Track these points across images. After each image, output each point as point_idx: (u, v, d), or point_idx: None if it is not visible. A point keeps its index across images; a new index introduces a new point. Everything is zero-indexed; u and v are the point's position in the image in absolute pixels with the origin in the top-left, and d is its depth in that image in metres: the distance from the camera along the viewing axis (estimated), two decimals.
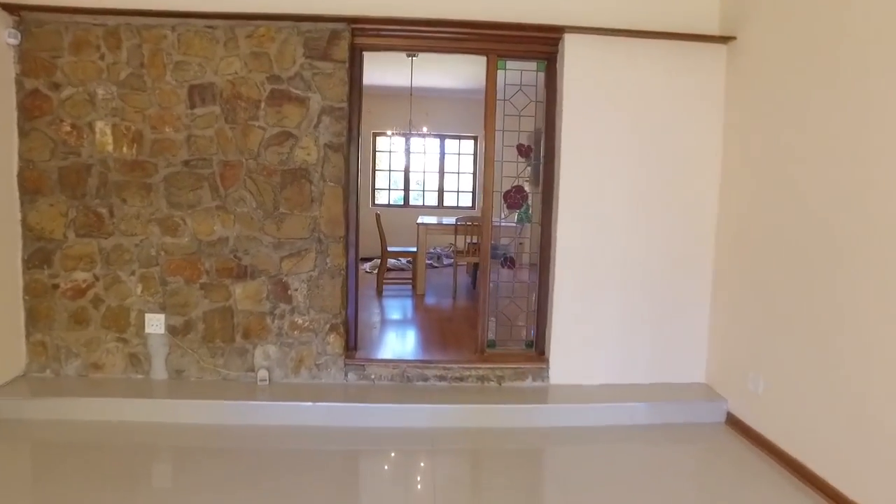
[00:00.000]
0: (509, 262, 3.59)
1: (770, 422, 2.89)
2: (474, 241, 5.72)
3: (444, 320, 4.60)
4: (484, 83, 3.40)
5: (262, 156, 3.23)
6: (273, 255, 3.28)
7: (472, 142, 8.95)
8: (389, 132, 7.60)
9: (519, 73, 3.48)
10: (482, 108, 3.42)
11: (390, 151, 9.02)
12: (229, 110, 3.19)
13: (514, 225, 3.71)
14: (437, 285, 6.38)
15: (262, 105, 3.20)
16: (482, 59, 3.41)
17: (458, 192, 9.18)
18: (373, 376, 3.39)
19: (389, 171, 9.09)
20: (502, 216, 3.62)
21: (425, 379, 3.40)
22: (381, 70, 6.89)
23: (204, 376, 3.33)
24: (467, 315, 4.82)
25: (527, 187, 3.55)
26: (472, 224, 5.64)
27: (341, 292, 3.33)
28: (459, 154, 9.09)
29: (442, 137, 8.90)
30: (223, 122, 3.19)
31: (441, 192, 9.14)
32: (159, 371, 3.31)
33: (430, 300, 5.56)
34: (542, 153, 3.50)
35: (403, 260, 7.24)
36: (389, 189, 9.13)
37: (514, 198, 3.51)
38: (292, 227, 3.27)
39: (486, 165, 3.46)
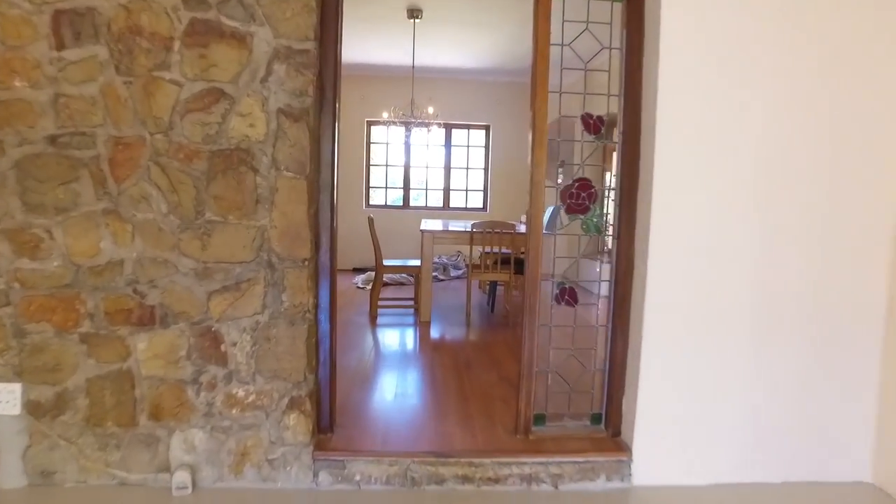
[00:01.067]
0: (568, 294, 2.35)
1: None
2: (494, 250, 4.49)
3: (461, 366, 3.34)
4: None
5: (176, 128, 1.99)
6: (196, 288, 2.05)
7: (482, 132, 7.69)
8: (386, 114, 6.34)
9: (585, 5, 2.26)
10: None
11: (387, 143, 7.78)
12: (122, 53, 1.96)
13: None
14: (444, 306, 5.13)
15: (177, 45, 1.97)
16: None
17: (466, 190, 7.94)
18: (358, 477, 2.15)
19: (386, 166, 7.86)
20: (559, 224, 2.38)
21: (440, 481, 2.16)
22: (376, 42, 5.71)
23: (88, 480, 2.09)
24: (492, 357, 3.57)
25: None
26: (495, 231, 4.41)
27: (307, 346, 2.10)
28: (468, 146, 7.84)
29: (448, 127, 7.64)
30: (113, 74, 1.96)
31: (447, 191, 7.91)
32: (13, 475, 2.07)
33: (438, 331, 4.29)
34: (620, 129, 2.27)
35: (403, 273, 6.04)
36: (386, 187, 7.91)
37: (578, 196, 2.27)
38: (226, 244, 2.04)
39: (534, 146, 2.22)
